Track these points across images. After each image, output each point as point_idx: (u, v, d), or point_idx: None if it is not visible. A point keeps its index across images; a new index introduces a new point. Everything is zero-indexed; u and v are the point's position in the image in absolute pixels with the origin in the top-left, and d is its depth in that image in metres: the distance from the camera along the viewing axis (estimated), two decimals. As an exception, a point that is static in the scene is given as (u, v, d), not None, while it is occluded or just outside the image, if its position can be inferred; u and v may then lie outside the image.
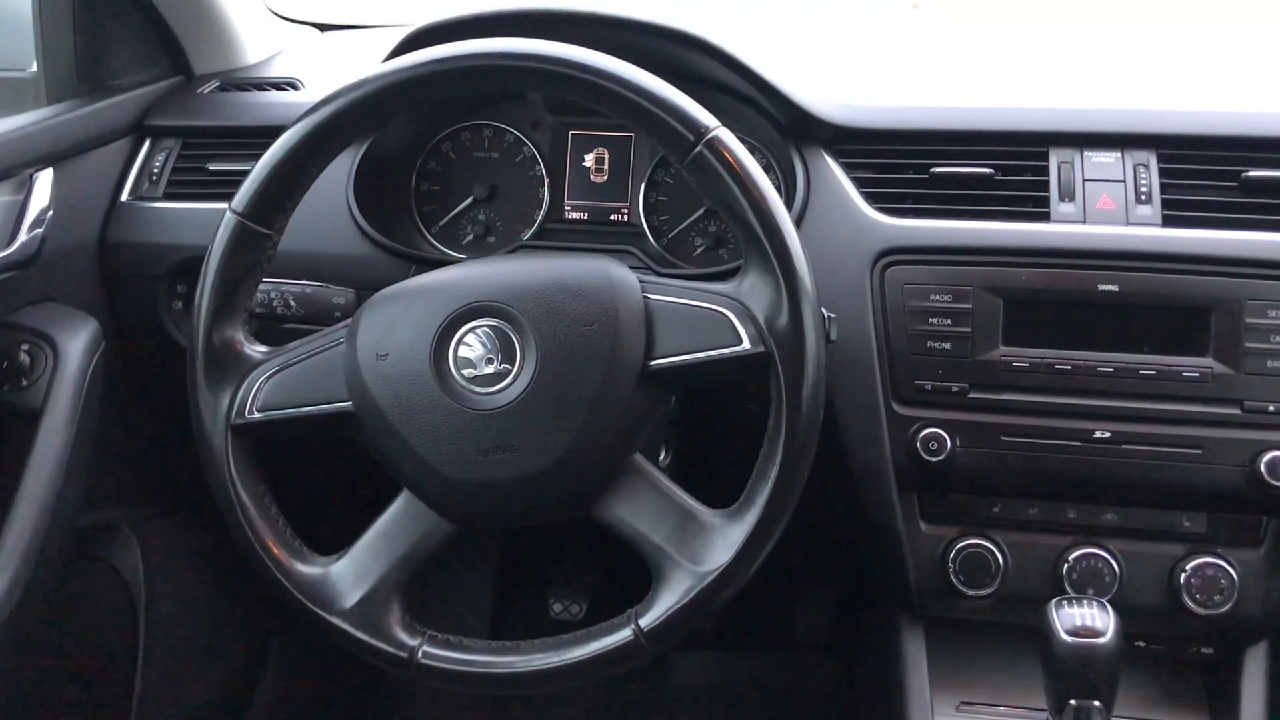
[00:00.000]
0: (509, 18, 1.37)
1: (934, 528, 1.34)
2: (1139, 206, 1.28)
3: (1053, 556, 1.31)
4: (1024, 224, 1.29)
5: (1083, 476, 1.27)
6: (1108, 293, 1.24)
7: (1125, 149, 1.31)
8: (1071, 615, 1.10)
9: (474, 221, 1.54)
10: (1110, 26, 1.89)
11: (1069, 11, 2.07)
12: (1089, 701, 1.09)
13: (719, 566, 1.04)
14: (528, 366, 1.04)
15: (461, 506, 1.08)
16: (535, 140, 1.53)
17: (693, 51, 1.37)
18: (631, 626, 1.05)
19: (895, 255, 1.30)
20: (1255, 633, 1.32)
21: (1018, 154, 1.33)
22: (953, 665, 1.40)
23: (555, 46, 1.05)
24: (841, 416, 1.30)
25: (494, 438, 1.03)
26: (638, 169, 1.51)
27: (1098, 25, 1.92)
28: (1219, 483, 1.24)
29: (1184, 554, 1.29)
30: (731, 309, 1.05)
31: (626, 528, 1.07)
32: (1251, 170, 1.27)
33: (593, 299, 1.04)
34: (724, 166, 1.02)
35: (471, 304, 1.06)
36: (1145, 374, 1.24)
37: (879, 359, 1.29)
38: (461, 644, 1.09)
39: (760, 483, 1.04)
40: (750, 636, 2.17)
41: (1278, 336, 1.22)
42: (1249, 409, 1.22)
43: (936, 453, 1.27)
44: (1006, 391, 1.27)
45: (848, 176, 1.35)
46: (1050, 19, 1.99)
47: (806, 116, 1.36)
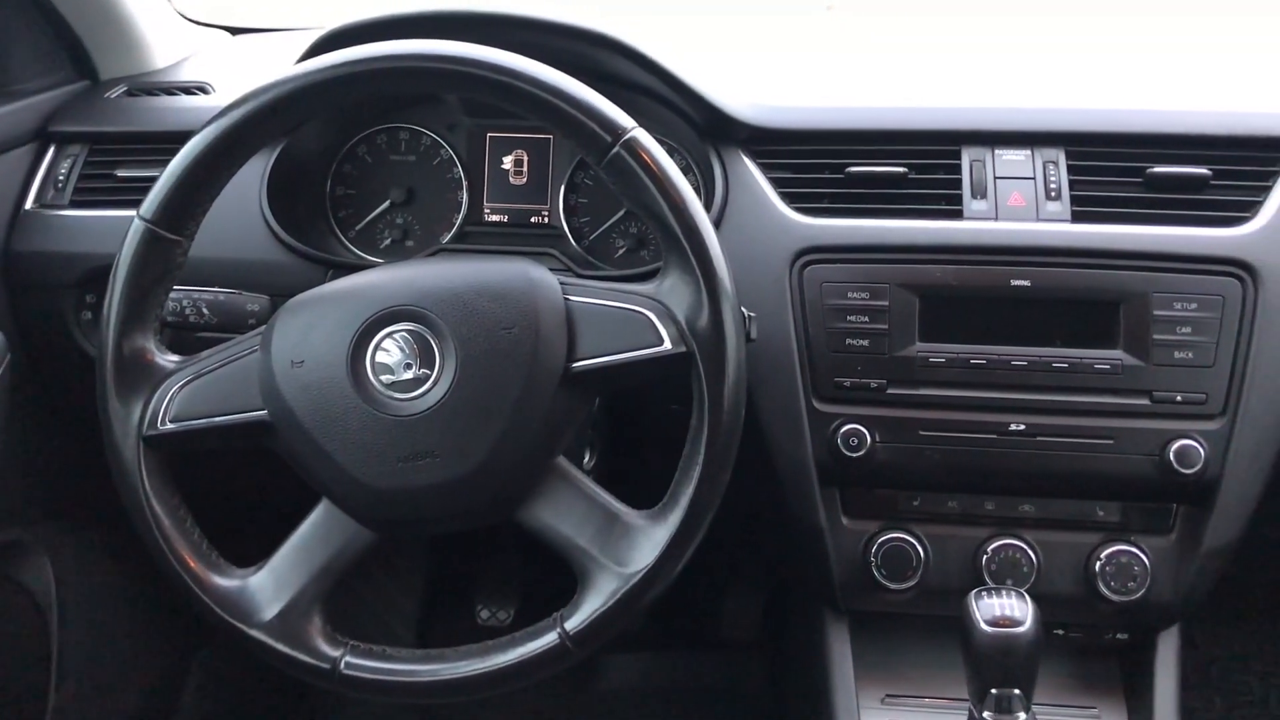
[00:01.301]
0: (423, 19, 1.36)
1: (856, 522, 1.35)
2: (1049, 203, 1.31)
3: (972, 548, 1.33)
4: (938, 221, 1.31)
5: (999, 469, 1.29)
6: (1020, 288, 1.27)
7: (1035, 147, 1.34)
8: (991, 606, 1.11)
9: (391, 225, 1.52)
10: (1021, 23, 1.93)
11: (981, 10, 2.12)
12: (1009, 690, 1.11)
13: (644, 567, 1.04)
14: (447, 371, 1.03)
15: (382, 514, 1.06)
16: (452, 143, 1.52)
17: (609, 53, 1.37)
18: (557, 630, 1.05)
19: (813, 254, 1.31)
20: (1167, 617, 1.35)
21: (931, 153, 1.35)
22: (877, 659, 1.42)
23: (470, 48, 1.04)
24: (763, 414, 1.31)
25: (414, 444, 1.02)
26: (557, 171, 1.50)
27: (1009, 23, 1.96)
28: (1130, 472, 1.27)
29: (1098, 543, 1.32)
30: (652, 310, 1.05)
31: (551, 531, 1.07)
32: (1156, 166, 1.31)
33: (513, 302, 1.04)
34: (641, 168, 1.02)
35: (389, 308, 1.05)
36: (1058, 367, 1.27)
37: (799, 357, 1.30)
38: (385, 653, 1.08)
39: (684, 482, 1.05)
40: (678, 637, 2.18)
41: (1184, 328, 1.25)
42: (1158, 399, 1.26)
43: (857, 448, 1.28)
44: (924, 387, 1.29)
45: (765, 177, 1.36)
46: (963, 18, 2.03)
47: (723, 117, 1.37)
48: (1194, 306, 1.25)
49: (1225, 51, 1.73)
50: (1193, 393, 1.25)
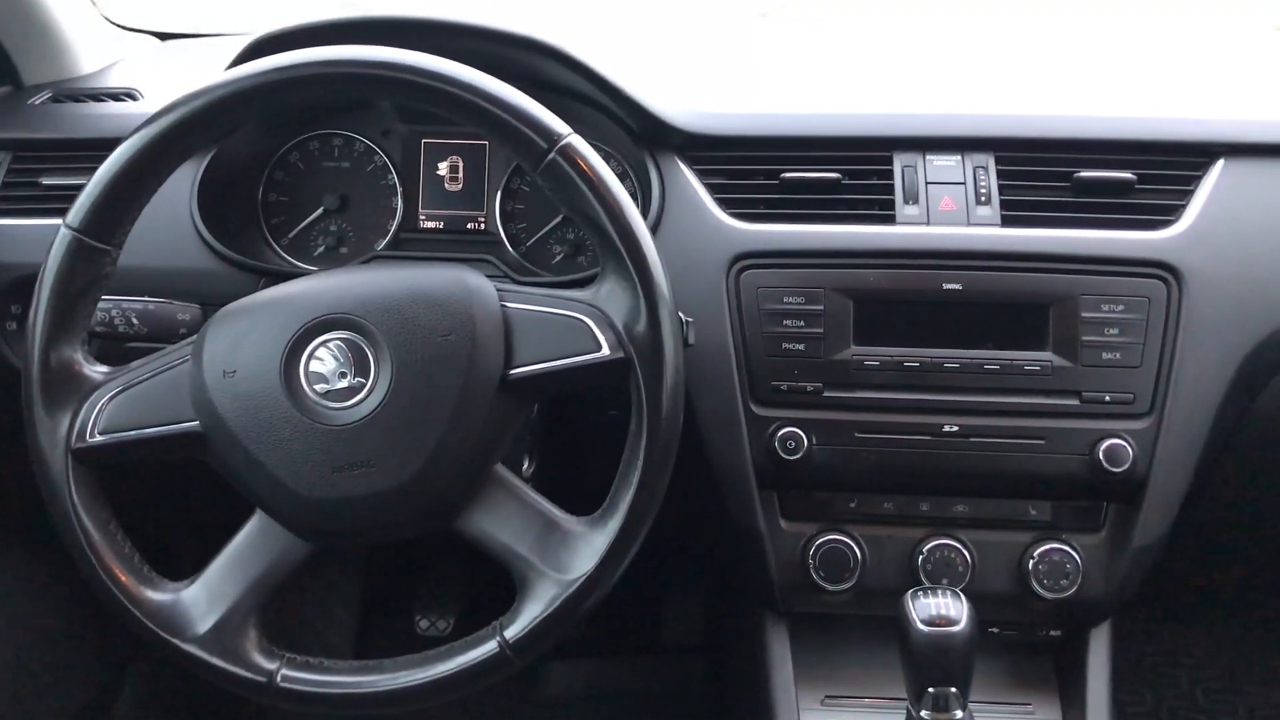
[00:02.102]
0: (355, 25, 1.34)
1: (794, 525, 1.36)
2: (979, 207, 1.33)
3: (908, 549, 1.34)
4: (871, 226, 1.33)
5: (933, 469, 1.31)
6: (952, 291, 1.29)
7: (965, 152, 1.36)
8: (927, 605, 1.13)
9: (325, 233, 1.50)
10: (954, 30, 1.96)
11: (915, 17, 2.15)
12: (946, 688, 1.12)
13: (584, 574, 1.04)
14: (383, 379, 1.02)
15: (318, 525, 1.05)
16: (387, 149, 1.51)
17: (545, 59, 1.37)
18: (497, 638, 1.05)
19: (749, 259, 1.32)
20: (1099, 614, 1.38)
21: (863, 159, 1.37)
22: (817, 660, 1.43)
23: (403, 54, 1.04)
24: (701, 419, 1.31)
25: (350, 453, 1.01)
26: (493, 177, 1.50)
27: (942, 30, 1.99)
28: (1061, 471, 1.29)
29: (1031, 541, 1.34)
30: (590, 315, 1.06)
31: (490, 539, 1.07)
32: (1083, 171, 1.33)
33: (449, 308, 1.03)
34: (578, 173, 1.02)
35: (323, 316, 1.04)
36: (989, 369, 1.29)
37: (736, 361, 1.31)
38: (322, 665, 1.07)
39: (623, 488, 1.05)
40: (620, 642, 2.17)
41: (1111, 329, 1.27)
42: (1087, 399, 1.28)
43: (794, 451, 1.29)
44: (859, 389, 1.30)
45: (701, 182, 1.37)
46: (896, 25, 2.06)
47: (659, 123, 1.37)
48: (1121, 308, 1.27)
49: (1152, 56, 1.78)
50: (1120, 393, 1.27)
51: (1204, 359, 1.28)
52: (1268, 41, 2.01)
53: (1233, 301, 1.29)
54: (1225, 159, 1.34)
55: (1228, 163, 1.34)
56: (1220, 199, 1.32)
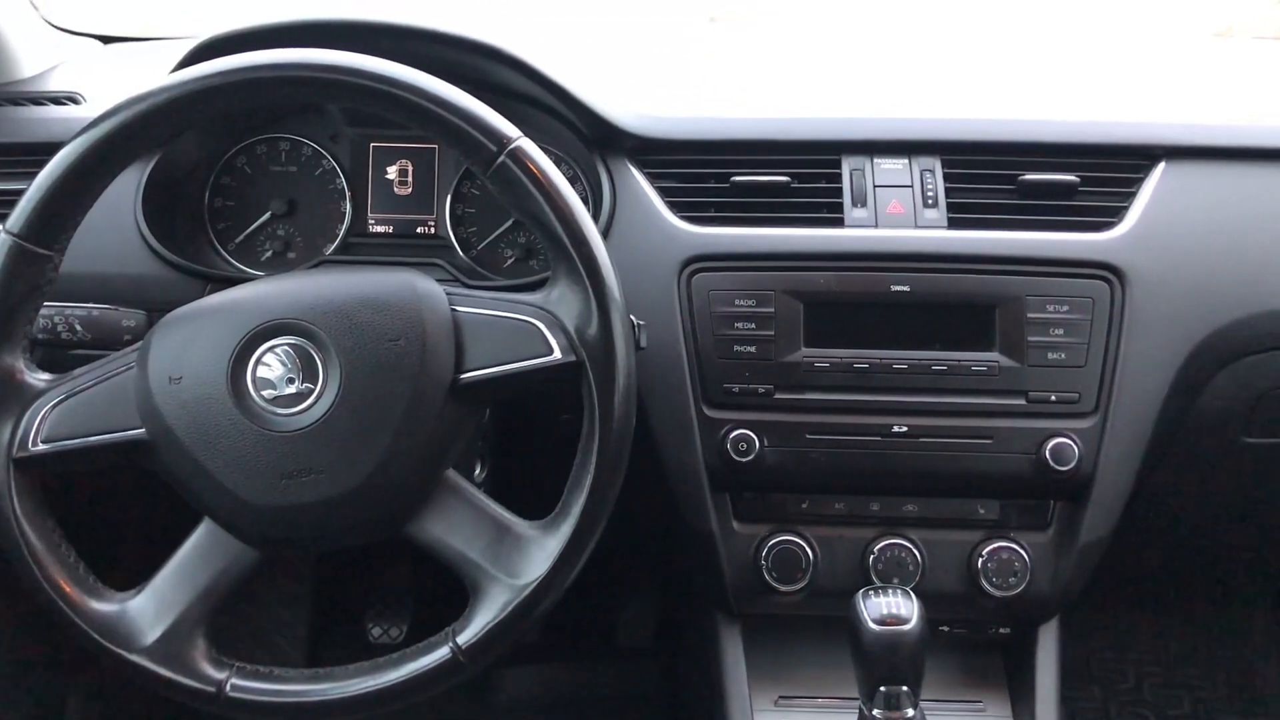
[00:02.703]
0: (303, 28, 1.33)
1: (746, 526, 1.37)
2: (926, 210, 1.34)
3: (859, 549, 1.35)
4: (820, 229, 1.34)
5: (883, 470, 1.32)
6: (900, 293, 1.30)
7: (912, 156, 1.38)
8: (878, 604, 1.14)
9: (273, 237, 1.49)
10: (901, 34, 1.98)
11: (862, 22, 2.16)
12: (897, 687, 1.13)
13: (536, 578, 1.04)
14: (331, 385, 1.01)
15: (267, 532, 1.04)
16: (335, 153, 1.50)
17: (495, 63, 1.36)
18: (449, 644, 1.04)
19: (700, 263, 1.32)
20: (1047, 611, 1.39)
21: (812, 162, 1.37)
22: (770, 661, 1.44)
23: (351, 57, 1.03)
24: (654, 422, 1.31)
25: (298, 460, 1.00)
26: (443, 181, 1.49)
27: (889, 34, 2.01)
28: (1009, 470, 1.31)
29: (980, 540, 1.35)
30: (541, 319, 1.05)
31: (441, 545, 1.06)
32: (1028, 174, 1.35)
33: (398, 313, 1.03)
34: (528, 177, 1.02)
35: (270, 322, 1.03)
36: (937, 369, 1.30)
37: (688, 364, 1.31)
38: (272, 674, 1.06)
39: (575, 492, 1.05)
40: (574, 647, 2.17)
41: (1057, 330, 1.29)
42: (1033, 399, 1.30)
43: (746, 453, 1.30)
44: (809, 391, 1.31)
45: (652, 186, 1.37)
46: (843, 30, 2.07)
47: (610, 127, 1.37)
48: (1065, 309, 1.29)
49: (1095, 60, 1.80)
50: (1066, 392, 1.29)
51: (1147, 358, 1.30)
52: (1207, 47, 2.05)
53: (1174, 301, 1.31)
54: (1166, 162, 1.37)
55: (1168, 165, 1.37)
56: (1161, 201, 1.34)
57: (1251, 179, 1.39)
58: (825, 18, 2.23)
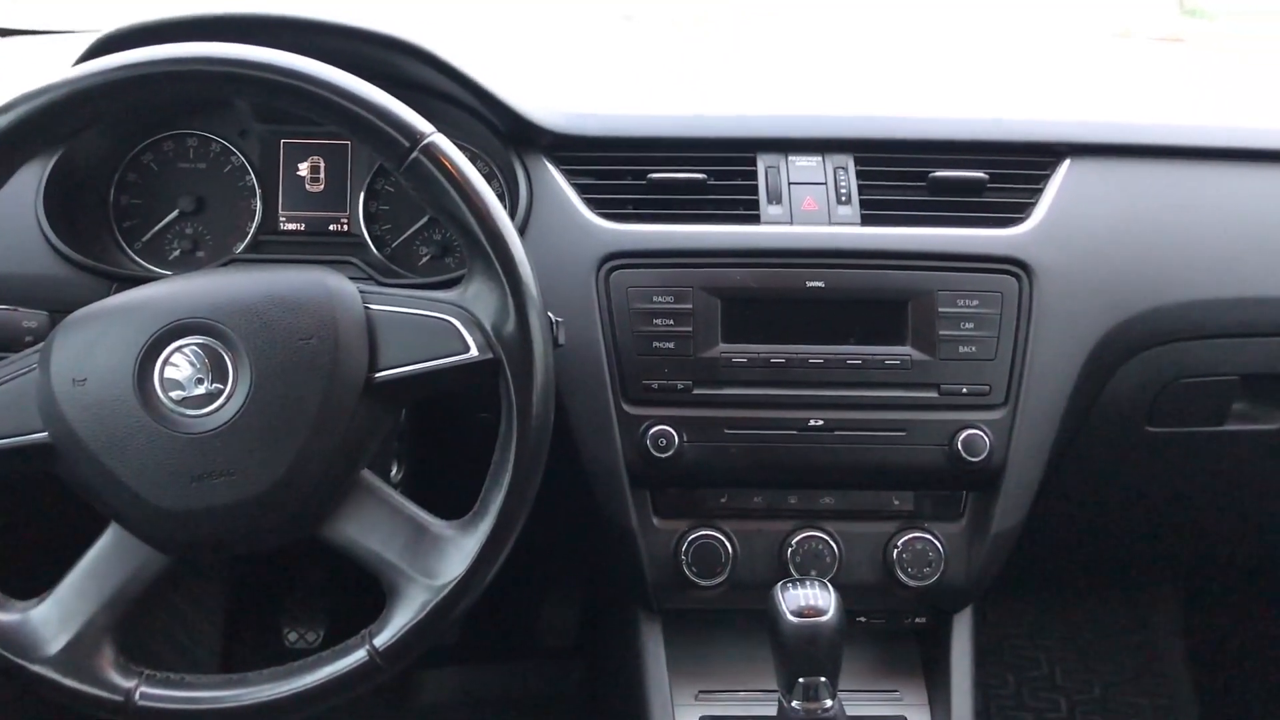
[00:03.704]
0: (210, 22, 1.30)
1: (666, 522, 1.37)
2: (840, 207, 1.36)
3: (777, 542, 1.36)
4: (736, 226, 1.35)
5: (800, 463, 1.33)
6: (815, 289, 1.31)
7: (826, 153, 1.39)
8: (796, 596, 1.15)
9: (181, 236, 1.45)
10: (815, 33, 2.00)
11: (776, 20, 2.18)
12: (816, 678, 1.14)
13: (454, 578, 1.03)
14: (242, 385, 1.00)
15: (177, 537, 1.02)
16: (244, 149, 1.47)
17: (408, 58, 1.35)
18: (366, 647, 1.03)
19: (618, 259, 1.32)
20: (961, 600, 1.42)
21: (728, 159, 1.38)
22: (691, 655, 1.44)
23: (259, 51, 1.01)
24: (573, 419, 1.31)
25: (208, 462, 0.98)
26: (356, 177, 1.47)
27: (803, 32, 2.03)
28: (922, 462, 1.33)
29: (895, 531, 1.37)
30: (457, 316, 1.05)
31: (357, 547, 1.05)
32: (938, 171, 1.37)
33: (310, 311, 1.01)
34: (441, 173, 1.01)
35: (178, 321, 1.01)
36: (852, 364, 1.31)
37: (607, 361, 1.31)
38: (183, 681, 1.04)
39: (493, 490, 1.04)
40: (494, 647, 2.16)
41: (967, 324, 1.32)
42: (945, 392, 1.32)
43: (665, 449, 1.30)
44: (728, 386, 1.32)
45: (569, 183, 1.37)
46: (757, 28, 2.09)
47: (525, 123, 1.36)
48: (975, 303, 1.31)
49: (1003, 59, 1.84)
50: (977, 385, 1.32)
51: (1055, 350, 1.33)
52: (1108, 47, 2.10)
53: (1080, 295, 1.34)
54: (1071, 159, 1.40)
55: (1073, 162, 1.40)
56: (1067, 197, 1.37)
57: (1153, 176, 1.43)
58: (741, 16, 2.24)
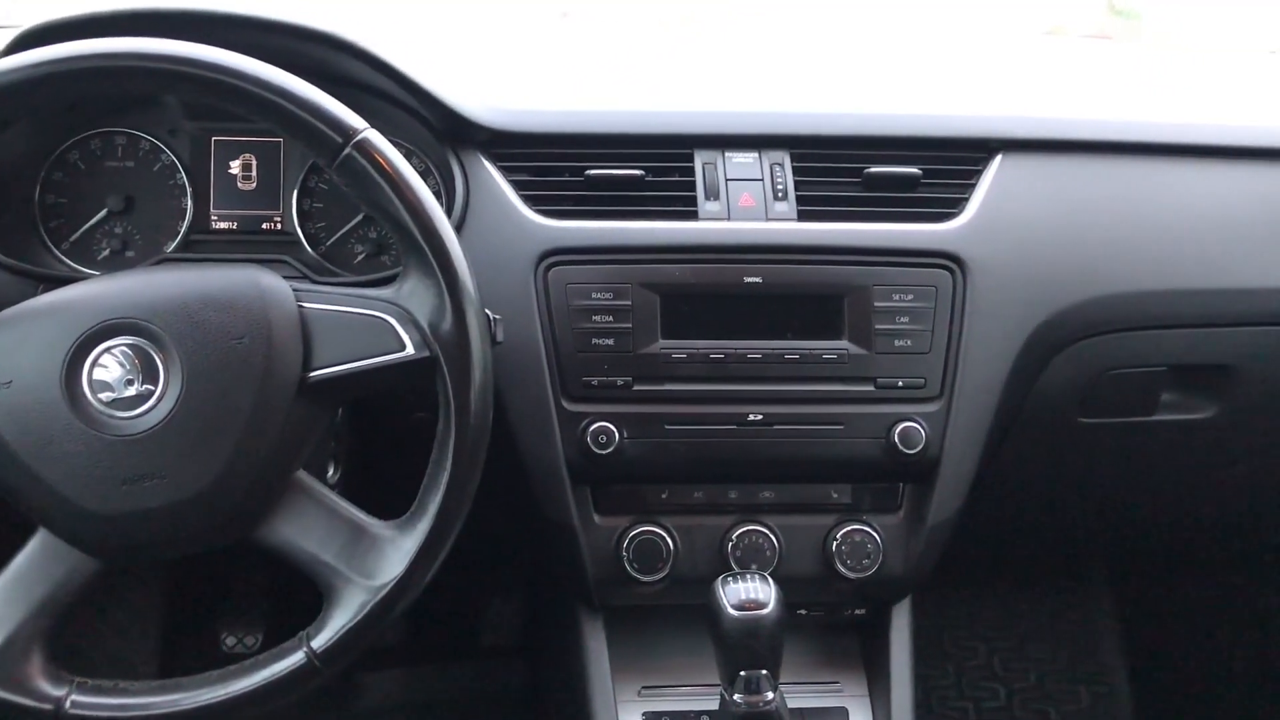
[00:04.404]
0: (136, 17, 1.28)
1: (608, 519, 1.37)
2: (777, 203, 1.36)
3: (718, 536, 1.37)
4: (674, 222, 1.35)
5: (740, 458, 1.34)
6: (753, 284, 1.32)
7: (762, 150, 1.40)
8: (736, 590, 1.15)
9: (110, 235, 1.43)
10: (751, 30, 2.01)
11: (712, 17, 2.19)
12: (757, 671, 1.15)
13: (392, 579, 1.02)
14: (173, 386, 0.98)
15: (108, 541, 1.00)
16: (174, 147, 1.44)
17: (341, 54, 1.33)
18: (304, 649, 1.02)
19: (557, 256, 1.32)
20: (899, 591, 1.43)
21: (665, 156, 1.38)
22: (633, 652, 1.45)
23: (188, 46, 1.00)
24: (512, 417, 1.31)
25: (139, 464, 0.97)
26: (289, 175, 1.45)
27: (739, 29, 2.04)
28: (860, 455, 1.34)
29: (834, 524, 1.38)
30: (393, 314, 1.04)
31: (293, 548, 1.04)
32: (873, 167, 1.38)
33: (242, 310, 1.00)
34: (375, 169, 1.00)
35: (107, 321, 0.99)
36: (790, 358, 1.32)
37: (547, 358, 1.31)
38: (116, 687, 1.02)
39: (431, 490, 1.04)
40: (436, 648, 2.15)
41: (902, 318, 1.33)
42: (881, 385, 1.33)
43: (606, 445, 1.30)
44: (667, 382, 1.32)
45: (506, 180, 1.36)
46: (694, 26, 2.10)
47: (462, 120, 1.36)
48: (910, 297, 1.33)
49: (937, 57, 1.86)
50: (912, 378, 1.33)
51: (988, 343, 1.35)
52: (1039, 44, 2.13)
53: (1013, 288, 1.36)
54: (1003, 154, 1.42)
55: (1005, 157, 1.42)
56: (999, 192, 1.39)
57: (1083, 170, 1.45)
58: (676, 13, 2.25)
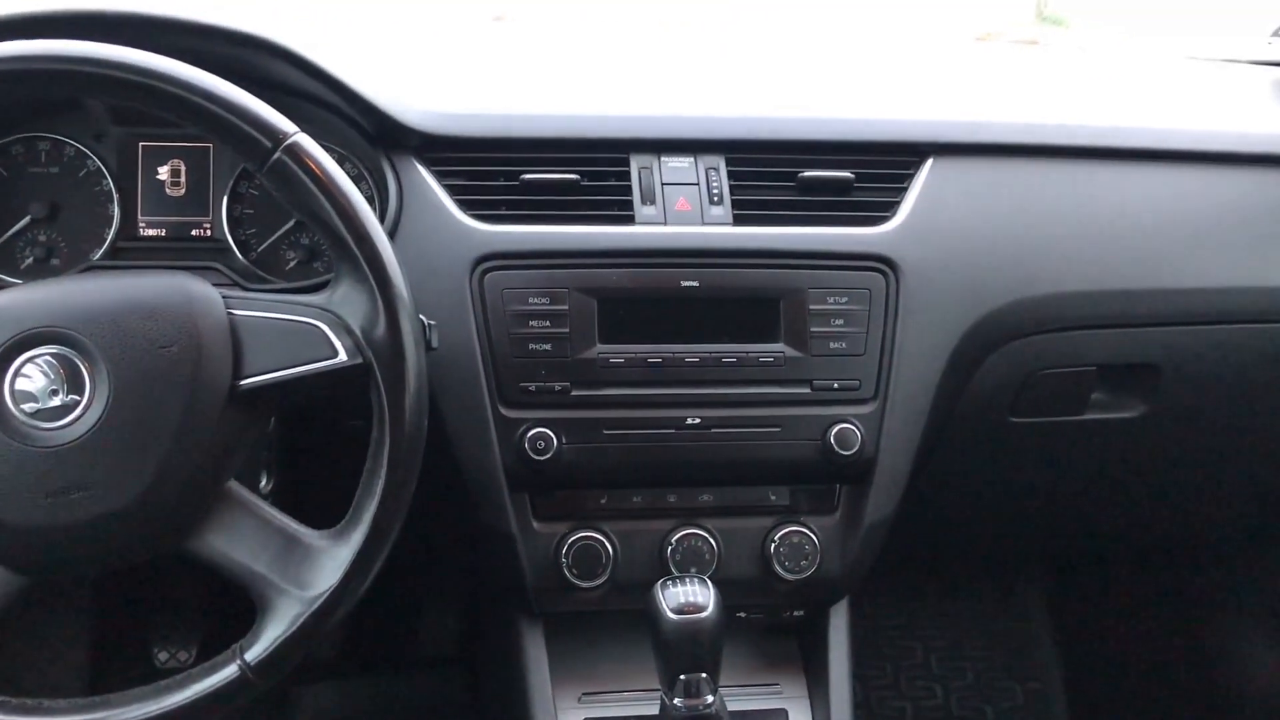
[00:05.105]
0: (61, 19, 1.25)
1: (546, 525, 1.36)
2: (712, 207, 1.37)
3: (658, 541, 1.37)
4: (611, 227, 1.35)
5: (679, 461, 1.34)
6: (690, 288, 1.32)
7: (698, 154, 1.40)
8: (676, 594, 1.15)
9: (33, 243, 1.39)
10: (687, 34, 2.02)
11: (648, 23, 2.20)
12: (697, 674, 1.15)
13: (327, 589, 1.01)
14: (99, 396, 0.96)
15: (32, 555, 0.98)
16: (100, 153, 1.41)
17: (270, 58, 1.31)
18: (237, 661, 1.01)
19: (492, 261, 1.31)
20: (837, 591, 1.44)
21: (601, 160, 1.38)
22: (573, 658, 1.44)
23: (114, 50, 0.98)
24: (449, 424, 1.30)
25: (65, 476, 0.95)
26: (219, 181, 1.42)
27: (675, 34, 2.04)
28: (797, 456, 1.35)
29: (772, 526, 1.39)
30: (324, 320, 1.03)
31: (225, 560, 1.02)
32: (806, 171, 1.39)
33: (170, 318, 0.98)
34: (306, 174, 0.99)
35: (29, 331, 0.97)
36: (727, 362, 1.33)
37: (483, 364, 1.30)
38: (41, 706, 1.00)
39: (366, 499, 1.03)
40: (375, 659, 2.12)
41: (837, 320, 1.34)
42: (817, 387, 1.34)
43: (544, 451, 1.30)
44: (605, 387, 1.32)
45: (440, 184, 1.35)
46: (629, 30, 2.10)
47: (394, 124, 1.34)
48: (845, 300, 1.34)
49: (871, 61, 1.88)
50: (848, 380, 1.34)
51: (921, 345, 1.37)
52: (970, 50, 2.17)
53: (944, 290, 1.38)
54: (934, 158, 1.44)
55: (936, 161, 1.43)
56: (930, 195, 1.41)
57: (1013, 174, 1.47)
58: (611, 17, 2.25)
